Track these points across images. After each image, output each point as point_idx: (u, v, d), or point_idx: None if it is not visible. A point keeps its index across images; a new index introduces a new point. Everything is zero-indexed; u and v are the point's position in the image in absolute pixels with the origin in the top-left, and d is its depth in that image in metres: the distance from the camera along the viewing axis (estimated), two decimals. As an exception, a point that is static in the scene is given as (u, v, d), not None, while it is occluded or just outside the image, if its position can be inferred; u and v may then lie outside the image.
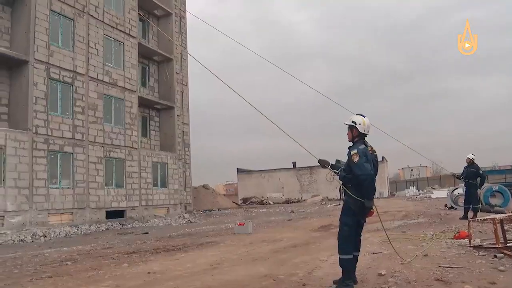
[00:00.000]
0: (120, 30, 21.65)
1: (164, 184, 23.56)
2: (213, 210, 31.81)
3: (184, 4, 29.94)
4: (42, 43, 17.32)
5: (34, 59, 16.99)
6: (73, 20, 18.93)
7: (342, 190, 4.93)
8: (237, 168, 53.75)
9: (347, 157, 4.78)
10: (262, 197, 45.52)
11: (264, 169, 52.75)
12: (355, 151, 4.65)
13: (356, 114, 4.97)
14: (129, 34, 22.18)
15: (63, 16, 18.53)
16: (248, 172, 53.16)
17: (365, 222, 4.96)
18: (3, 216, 14.91)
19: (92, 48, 19.84)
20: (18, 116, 16.54)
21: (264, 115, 6.57)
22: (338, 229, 4.88)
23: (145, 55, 24.67)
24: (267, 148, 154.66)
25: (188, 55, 27.87)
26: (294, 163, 52.37)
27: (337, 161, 5.10)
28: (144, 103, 23.90)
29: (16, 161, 15.69)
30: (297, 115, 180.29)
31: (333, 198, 41.70)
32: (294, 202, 43.37)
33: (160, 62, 25.99)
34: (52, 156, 17.28)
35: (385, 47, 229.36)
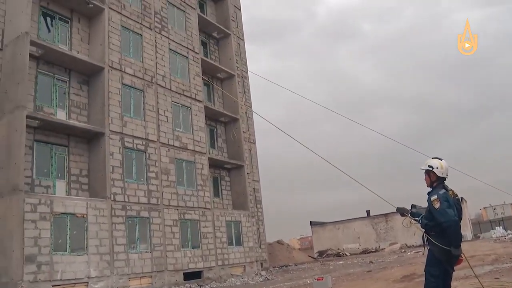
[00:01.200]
0: (187, 96, 22.19)
1: (239, 243, 23.03)
2: (289, 265, 30.49)
3: (246, 64, 30.47)
4: (116, 115, 18.01)
5: (110, 130, 17.59)
6: (142, 91, 19.67)
7: (425, 238, 4.56)
8: (311, 221, 52.11)
9: (427, 203, 4.47)
10: (338, 249, 43.36)
11: (338, 220, 50.71)
12: (435, 196, 4.31)
13: (432, 158, 4.65)
14: (195, 99, 22.65)
15: (134, 88, 19.33)
16: (322, 224, 51.34)
17: (454, 271, 4.41)
18: (87, 282, 14.95)
19: (162, 115, 20.34)
20: (97, 185, 16.95)
21: (334, 165, 6.07)
22: (423, 279, 4.36)
23: (212, 117, 24.95)
24: (339, 198, 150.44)
25: (254, 113, 28.06)
26: (368, 212, 49.93)
27: (413, 206, 4.75)
28: (214, 164, 23.88)
29: (97, 228, 15.90)
30: (367, 162, 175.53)
31: (413, 245, 38.71)
32: (372, 251, 40.98)
33: (227, 122, 26.17)
34: (130, 221, 17.41)
35: (456, 85, 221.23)
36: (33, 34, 16.05)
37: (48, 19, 17.51)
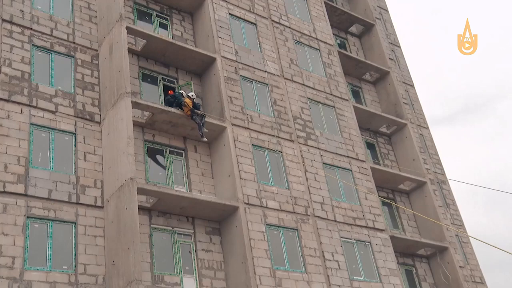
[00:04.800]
0: (361, 226, 19.07)
1: None
2: None
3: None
4: (264, 270, 15.81)
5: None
6: (297, 229, 17.40)
7: None
8: None
9: None
10: None
11: None
12: None
13: None
14: (374, 228, 19.18)
15: (283, 227, 17.18)
16: None
17: None
18: None
19: (330, 260, 17.42)
20: None
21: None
22: None
23: (404, 250, 21.14)
24: None
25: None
26: None
27: None
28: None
29: None
30: None
31: None
32: None
33: (429, 256, 22.10)
34: None
35: None
36: (139, 178, 15.12)
37: (157, 155, 16.77)
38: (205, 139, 16.48)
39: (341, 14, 25.32)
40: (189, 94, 16.43)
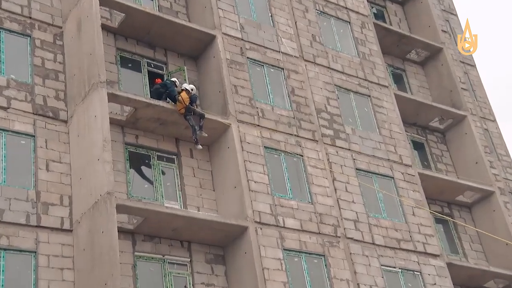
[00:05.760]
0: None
1: None
2: None
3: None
4: None
5: None
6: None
7: None
8: None
9: None
10: None
11: None
12: None
13: None
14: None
15: None
16: None
17: None
18: None
19: None
20: None
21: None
22: None
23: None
24: None
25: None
26: None
27: None
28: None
29: None
30: None
31: None
32: None
33: None
34: None
35: None
36: (119, 192, 15.14)
37: (141, 163, 16.94)
38: (200, 146, 16.61)
39: (376, -26, 25.43)
40: (185, 87, 16.38)
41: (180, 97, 15.90)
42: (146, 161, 16.89)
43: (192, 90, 16.48)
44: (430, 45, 24.92)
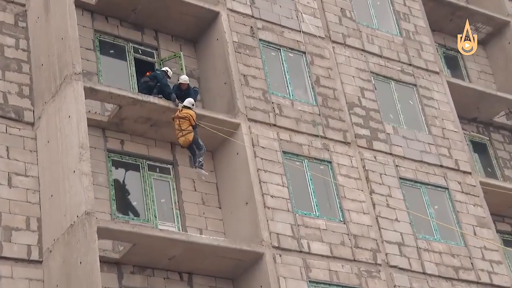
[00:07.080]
0: None
1: None
2: None
3: None
4: None
5: None
6: None
7: None
8: None
9: None
10: None
11: None
12: None
13: None
14: None
15: None
16: None
17: None
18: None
19: None
20: None
21: None
22: None
23: None
24: None
25: None
26: None
27: None
28: None
29: None
30: None
31: None
32: None
33: None
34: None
35: None
36: (101, 212, 15.33)
37: (128, 174, 17.02)
38: (204, 173, 16.43)
39: None
40: (187, 104, 15.94)
41: (188, 115, 15.43)
42: (134, 172, 16.85)
43: (196, 90, 16.74)
44: (494, 18, 24.91)
